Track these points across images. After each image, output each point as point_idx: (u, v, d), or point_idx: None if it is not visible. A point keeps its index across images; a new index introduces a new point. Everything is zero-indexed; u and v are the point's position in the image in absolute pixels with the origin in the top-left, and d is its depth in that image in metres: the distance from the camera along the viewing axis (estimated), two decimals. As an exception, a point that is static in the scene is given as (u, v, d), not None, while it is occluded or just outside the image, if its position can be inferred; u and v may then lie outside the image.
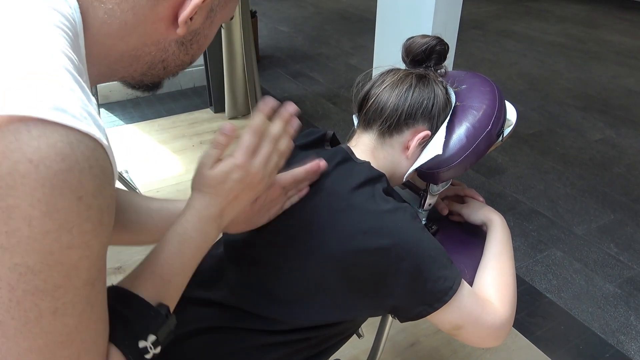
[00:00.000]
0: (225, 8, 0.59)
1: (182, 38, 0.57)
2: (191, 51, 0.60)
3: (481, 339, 0.81)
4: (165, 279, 0.58)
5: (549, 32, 5.23)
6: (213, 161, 0.63)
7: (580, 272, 2.02)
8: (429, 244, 0.74)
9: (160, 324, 0.54)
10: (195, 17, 0.55)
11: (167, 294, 0.58)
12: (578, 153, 2.91)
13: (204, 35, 0.59)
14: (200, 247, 0.63)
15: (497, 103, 0.88)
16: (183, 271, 0.61)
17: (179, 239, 0.60)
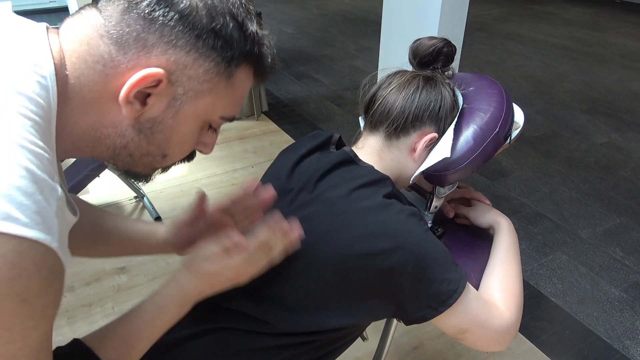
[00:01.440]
0: (198, 101, 0.55)
1: (139, 124, 0.55)
2: (155, 141, 0.57)
3: (487, 343, 0.80)
4: (130, 344, 0.62)
5: (554, 35, 5.22)
6: (213, 256, 0.66)
7: (586, 276, 2.01)
8: (433, 246, 0.74)
9: None
10: (153, 102, 0.53)
11: (128, 358, 0.62)
12: (583, 156, 2.89)
13: (169, 125, 0.56)
14: (173, 320, 0.66)
15: (505, 105, 0.87)
16: (149, 339, 0.64)
17: (156, 310, 0.64)
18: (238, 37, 0.55)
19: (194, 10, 0.52)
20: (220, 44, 0.53)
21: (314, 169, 0.80)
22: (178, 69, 0.53)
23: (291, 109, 3.46)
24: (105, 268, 1.96)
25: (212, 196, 2.45)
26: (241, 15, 0.55)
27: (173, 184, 2.54)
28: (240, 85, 0.58)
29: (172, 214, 2.30)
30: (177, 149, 0.60)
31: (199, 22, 0.52)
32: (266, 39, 0.59)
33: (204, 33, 0.52)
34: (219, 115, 0.59)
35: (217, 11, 0.53)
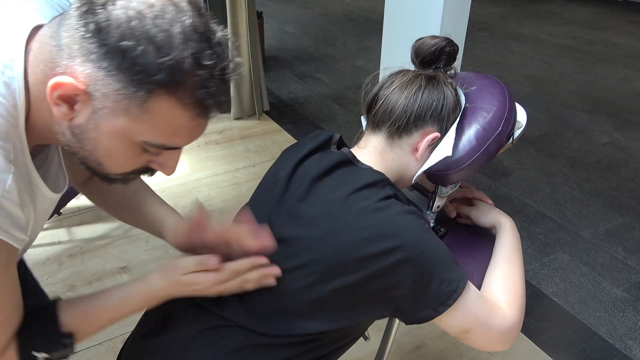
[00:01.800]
0: (114, 120, 0.55)
1: (72, 128, 0.57)
2: (85, 147, 0.58)
3: (489, 343, 0.80)
4: (88, 320, 0.70)
5: (556, 34, 5.21)
6: (188, 271, 0.71)
7: (588, 275, 2.00)
8: (433, 246, 0.73)
9: (56, 349, 0.66)
10: (79, 109, 0.55)
11: (83, 330, 0.69)
12: (585, 156, 2.89)
13: (92, 137, 0.57)
14: (133, 312, 0.72)
15: (508, 105, 0.87)
16: (107, 321, 0.72)
17: (120, 300, 0.71)
18: (150, 63, 0.51)
19: (108, 27, 0.51)
20: (126, 66, 0.52)
21: (314, 170, 0.80)
22: (92, 83, 0.53)
23: (293, 109, 3.46)
24: (107, 267, 1.96)
25: (214, 196, 2.45)
26: (166, 41, 0.52)
27: (175, 183, 2.54)
28: (161, 115, 0.55)
29: (174, 214, 2.30)
30: (109, 161, 0.61)
31: (109, 39, 0.51)
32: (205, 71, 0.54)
33: (112, 51, 0.51)
34: (143, 140, 0.58)
35: (133, 32, 0.51)
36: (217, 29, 0.57)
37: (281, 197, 0.81)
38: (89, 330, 0.71)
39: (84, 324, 0.69)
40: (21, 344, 0.64)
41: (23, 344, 0.64)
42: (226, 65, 0.57)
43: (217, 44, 0.56)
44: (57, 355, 0.67)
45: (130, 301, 0.71)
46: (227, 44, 0.58)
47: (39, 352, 0.65)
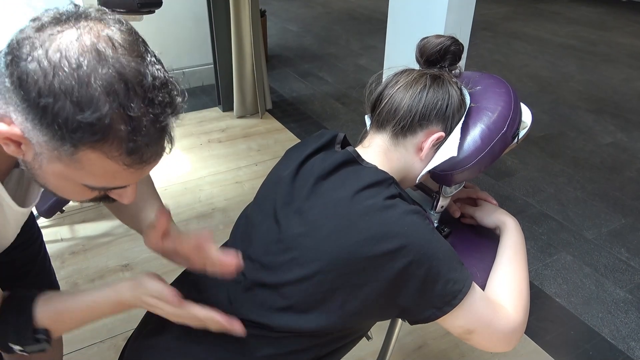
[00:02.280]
0: (52, 165, 0.55)
1: (24, 162, 0.58)
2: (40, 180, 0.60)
3: (493, 344, 0.79)
4: (60, 319, 0.72)
5: (559, 34, 5.19)
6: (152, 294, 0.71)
7: (591, 276, 2.00)
8: (438, 245, 0.73)
9: (30, 343, 0.69)
10: (24, 149, 0.55)
11: (57, 328, 0.72)
12: (589, 156, 2.88)
13: (40, 174, 0.58)
14: (103, 316, 0.74)
15: (513, 104, 0.86)
16: (81, 321, 0.74)
17: (90, 304, 0.73)
18: (70, 120, 0.50)
19: (27, 81, 0.50)
20: (47, 122, 0.51)
21: (318, 169, 0.80)
22: (26, 132, 0.53)
23: (295, 107, 3.46)
24: (109, 265, 1.96)
25: (216, 194, 2.45)
26: (84, 96, 0.49)
27: (177, 182, 2.54)
28: (93, 165, 0.54)
29: (176, 212, 2.30)
30: (63, 193, 0.62)
31: (29, 95, 0.50)
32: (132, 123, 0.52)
33: (33, 107, 0.50)
34: (84, 184, 0.58)
35: (50, 87, 0.49)
36: (153, 70, 0.53)
37: (286, 196, 0.81)
38: (62, 328, 0.73)
39: (57, 322, 0.72)
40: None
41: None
42: (161, 111, 0.54)
43: (151, 88, 0.52)
44: (32, 349, 0.70)
45: (101, 306, 0.73)
46: (166, 83, 0.54)
47: (14, 344, 0.69)
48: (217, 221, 2.25)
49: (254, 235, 0.83)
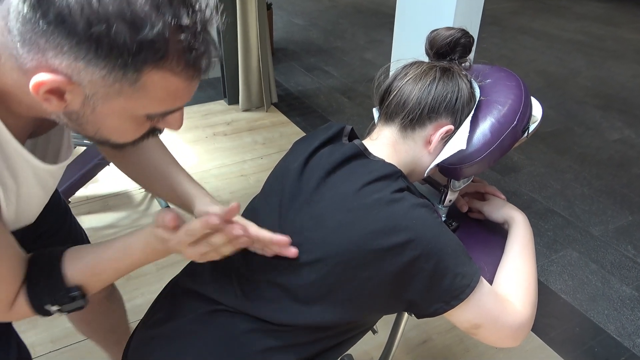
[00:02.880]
0: (110, 102, 0.54)
1: (67, 114, 0.56)
2: (87, 129, 0.58)
3: (500, 339, 0.79)
4: (95, 272, 0.70)
5: (567, 30, 5.15)
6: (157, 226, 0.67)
7: (597, 273, 1.99)
8: (447, 240, 0.73)
9: (66, 302, 0.67)
10: (69, 99, 0.53)
11: (90, 283, 0.69)
12: (596, 152, 2.86)
13: (92, 120, 0.56)
14: (136, 263, 0.72)
15: (523, 98, 0.85)
16: (114, 274, 0.72)
17: (123, 251, 0.70)
18: (128, 44, 0.48)
19: (68, 16, 0.47)
20: (104, 52, 0.48)
21: (326, 162, 0.79)
22: (74, 73, 0.50)
23: (301, 101, 3.45)
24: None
25: (222, 187, 2.45)
26: (137, 14, 0.48)
27: (182, 174, 2.54)
28: (157, 88, 0.53)
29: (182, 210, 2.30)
30: (116, 136, 0.60)
31: (75, 28, 0.47)
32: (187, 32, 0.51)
33: (84, 40, 0.48)
34: (146, 114, 0.57)
35: (99, 15, 0.47)
36: None
37: (293, 189, 0.80)
38: (96, 281, 0.70)
39: (90, 277, 0.69)
40: (30, 298, 0.66)
41: (32, 298, 0.66)
42: (205, 14, 0.53)
43: None
44: (68, 308, 0.68)
45: (130, 253, 0.70)
46: None
47: (50, 305, 0.67)
48: (222, 214, 2.25)
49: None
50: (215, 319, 0.79)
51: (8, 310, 0.66)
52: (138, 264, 0.72)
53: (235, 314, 0.78)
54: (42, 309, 0.67)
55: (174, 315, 0.82)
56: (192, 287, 0.84)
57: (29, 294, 0.66)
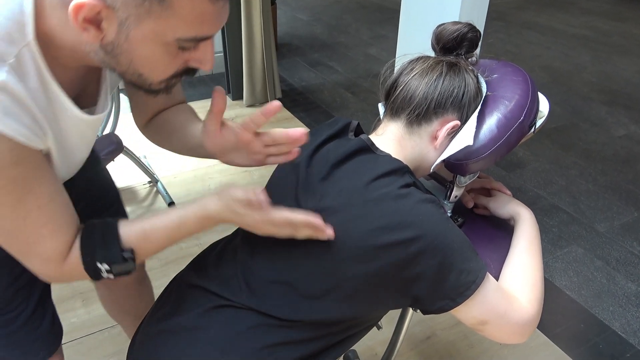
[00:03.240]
0: (142, 25, 0.56)
1: (104, 47, 0.58)
2: (122, 62, 0.60)
3: (506, 335, 0.79)
4: (149, 239, 0.71)
5: (573, 25, 5.12)
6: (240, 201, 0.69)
7: (602, 269, 1.98)
8: (453, 236, 0.72)
9: (117, 262, 0.68)
10: (106, 27, 0.55)
11: (143, 248, 0.71)
12: (601, 148, 2.84)
13: (126, 49, 0.58)
14: (190, 232, 0.73)
15: (530, 93, 0.85)
16: (166, 239, 0.72)
17: (177, 219, 0.72)
18: None
19: None
20: None
21: (332, 157, 0.79)
22: None
23: (305, 97, 3.44)
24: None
25: (226, 182, 2.45)
26: None
27: (187, 169, 2.55)
28: (183, 7, 0.55)
29: (186, 200, 2.30)
30: (148, 69, 0.62)
31: None
32: None
33: None
34: (176, 38, 0.58)
35: None
36: None
37: (299, 183, 0.80)
38: (148, 248, 0.71)
39: (144, 241, 0.70)
40: (84, 252, 0.67)
41: (85, 253, 0.67)
42: None
43: None
44: (119, 269, 0.69)
45: (188, 221, 0.72)
46: None
47: (101, 263, 0.67)
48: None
49: None
50: (220, 314, 0.79)
51: (61, 262, 0.67)
52: (193, 233, 0.73)
53: (240, 309, 0.78)
54: (93, 266, 0.67)
55: (179, 310, 0.83)
56: (197, 283, 0.84)
57: (82, 248, 0.67)
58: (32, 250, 0.65)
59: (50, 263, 0.67)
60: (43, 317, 0.90)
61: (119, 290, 1.22)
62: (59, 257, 0.66)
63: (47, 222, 0.64)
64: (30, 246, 0.65)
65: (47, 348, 0.92)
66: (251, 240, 0.83)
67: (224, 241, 0.91)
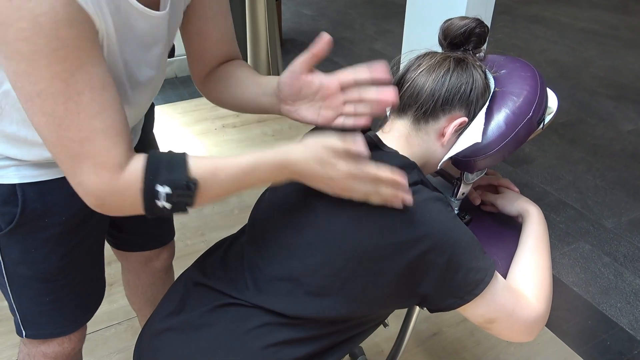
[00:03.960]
0: None
1: None
2: None
3: (514, 334, 0.78)
4: (217, 175, 0.65)
5: (580, 18, 5.07)
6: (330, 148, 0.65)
7: (609, 266, 1.97)
8: (462, 234, 0.72)
9: (179, 186, 0.62)
10: None
11: (209, 183, 0.64)
12: (609, 144, 2.82)
13: None
14: (262, 181, 0.68)
15: (539, 89, 0.84)
16: (235, 183, 0.67)
17: (254, 162, 0.66)
18: None
19: None
20: None
21: None
22: None
23: (310, 92, 3.42)
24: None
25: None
26: None
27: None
28: None
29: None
30: None
31: None
32: None
33: None
34: None
35: None
36: None
37: None
38: (213, 185, 0.65)
39: (211, 175, 0.65)
40: (147, 169, 0.62)
41: (148, 170, 0.62)
42: None
43: None
44: (178, 197, 0.62)
45: (262, 165, 0.67)
46: None
47: (162, 185, 0.61)
48: (232, 206, 2.25)
49: (273, 219, 0.83)
50: (226, 313, 0.78)
51: (117, 173, 0.60)
52: (263, 181, 0.68)
53: (246, 308, 0.78)
54: (152, 187, 0.61)
55: (185, 308, 0.82)
56: (203, 281, 0.83)
57: (147, 165, 0.62)
58: (83, 151, 0.59)
59: (104, 171, 0.60)
60: (89, 287, 0.94)
61: (147, 276, 1.23)
62: (114, 165, 0.60)
63: (100, 112, 0.59)
64: (82, 144, 0.59)
65: (85, 316, 0.97)
66: (257, 237, 0.83)
67: (230, 239, 0.91)
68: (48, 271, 0.85)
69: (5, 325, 1.65)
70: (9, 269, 0.84)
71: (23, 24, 0.52)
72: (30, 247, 0.82)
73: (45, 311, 0.89)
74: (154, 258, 1.19)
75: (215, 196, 0.67)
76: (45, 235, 0.82)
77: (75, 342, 0.98)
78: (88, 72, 0.58)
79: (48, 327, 0.91)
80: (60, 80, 0.56)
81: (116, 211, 0.65)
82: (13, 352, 1.56)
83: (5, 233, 0.80)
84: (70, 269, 0.88)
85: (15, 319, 0.91)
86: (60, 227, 0.82)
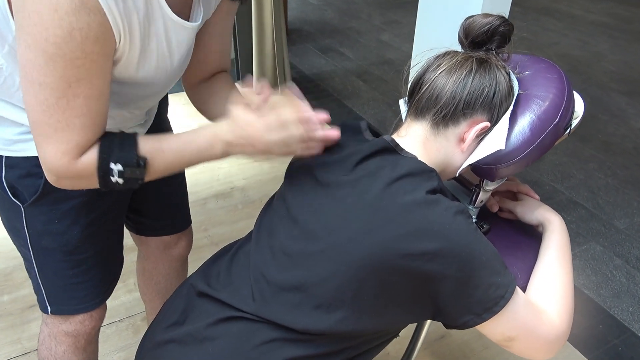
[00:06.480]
0: None
1: None
2: None
3: (534, 352, 0.74)
4: (162, 149, 0.74)
5: (592, 11, 4.97)
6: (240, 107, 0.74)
7: (621, 268, 1.92)
8: (481, 248, 0.67)
9: (130, 164, 0.71)
10: None
11: (157, 158, 0.73)
12: (621, 141, 2.76)
13: None
14: (200, 152, 0.76)
15: (566, 92, 0.79)
16: (178, 155, 0.75)
17: (192, 135, 0.76)
18: None
19: None
20: None
21: (353, 152, 0.74)
22: None
23: (316, 84, 3.37)
24: (127, 244, 1.94)
25: (235, 173, 2.41)
26: None
27: (195, 158, 2.50)
28: None
29: (194, 190, 2.26)
30: None
31: None
32: None
33: None
34: None
35: None
36: None
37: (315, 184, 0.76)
38: (161, 160, 0.74)
39: (157, 151, 0.73)
40: (101, 150, 0.70)
41: (102, 151, 0.70)
42: None
43: None
44: (130, 173, 0.71)
45: (197, 138, 0.75)
46: None
47: (115, 164, 0.70)
48: (236, 200, 2.21)
49: (281, 226, 0.78)
50: (232, 326, 0.74)
51: (76, 158, 0.69)
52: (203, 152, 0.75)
53: (253, 322, 0.74)
54: (106, 165, 0.70)
55: (188, 319, 0.79)
56: (207, 291, 0.79)
57: (101, 146, 0.70)
58: (55, 136, 0.67)
59: (65, 155, 0.68)
60: (108, 264, 0.99)
61: (163, 264, 1.26)
62: (76, 151, 0.68)
63: (84, 114, 0.67)
64: (56, 131, 0.66)
65: (105, 293, 1.01)
66: (264, 245, 0.79)
67: (236, 246, 0.86)
68: (71, 243, 0.89)
69: (5, 322, 1.62)
70: (34, 240, 0.89)
71: (58, 32, 0.59)
72: (54, 218, 0.87)
73: (68, 285, 0.94)
74: (173, 245, 1.24)
75: (164, 170, 0.75)
76: (67, 206, 0.87)
77: (97, 320, 1.01)
78: (91, 82, 0.65)
79: (72, 302, 0.96)
80: (65, 82, 0.63)
81: (70, 187, 0.75)
82: (12, 349, 1.53)
83: (29, 204, 0.85)
84: (91, 242, 0.92)
85: (39, 296, 0.95)
86: (80, 199, 0.87)
